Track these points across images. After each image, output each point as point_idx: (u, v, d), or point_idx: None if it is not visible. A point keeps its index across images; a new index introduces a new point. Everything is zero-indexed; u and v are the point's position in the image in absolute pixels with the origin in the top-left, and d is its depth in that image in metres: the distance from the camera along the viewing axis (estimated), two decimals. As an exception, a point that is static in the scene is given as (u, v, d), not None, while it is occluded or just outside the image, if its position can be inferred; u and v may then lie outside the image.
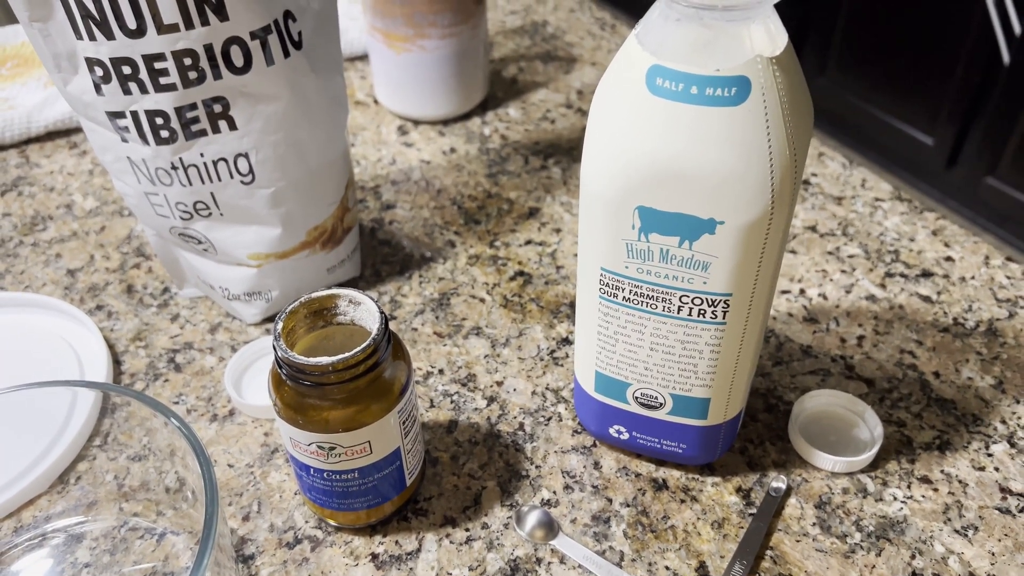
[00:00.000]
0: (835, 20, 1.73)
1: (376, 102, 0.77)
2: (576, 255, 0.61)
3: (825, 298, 0.57)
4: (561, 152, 0.71)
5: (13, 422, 0.45)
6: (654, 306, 0.39)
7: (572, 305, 0.57)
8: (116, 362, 0.53)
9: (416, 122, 0.75)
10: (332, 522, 0.44)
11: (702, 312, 0.38)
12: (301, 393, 0.39)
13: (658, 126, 0.34)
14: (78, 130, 0.74)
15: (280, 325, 0.39)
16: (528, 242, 0.62)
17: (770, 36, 0.33)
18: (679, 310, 0.38)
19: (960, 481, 0.46)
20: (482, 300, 0.58)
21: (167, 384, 0.52)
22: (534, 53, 0.84)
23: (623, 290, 0.39)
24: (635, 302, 0.39)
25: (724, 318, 0.38)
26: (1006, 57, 1.47)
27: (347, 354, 0.37)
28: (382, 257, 0.61)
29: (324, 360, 0.37)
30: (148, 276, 0.60)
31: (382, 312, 0.39)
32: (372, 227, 0.64)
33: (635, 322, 0.40)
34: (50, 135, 0.73)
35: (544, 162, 0.70)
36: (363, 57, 0.84)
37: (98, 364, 0.52)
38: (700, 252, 0.36)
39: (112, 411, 0.47)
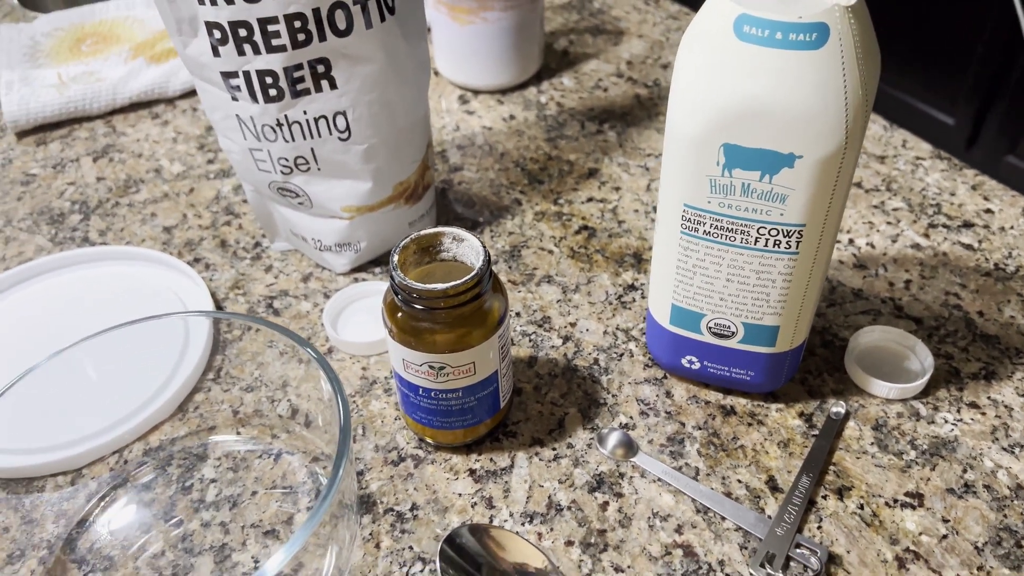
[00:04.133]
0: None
1: (436, 73, 0.81)
2: (636, 211, 0.65)
3: (873, 247, 0.61)
4: (615, 118, 0.75)
5: (135, 355, 0.49)
6: (733, 238, 0.43)
7: (635, 255, 0.61)
8: (218, 307, 0.58)
9: (476, 92, 0.79)
10: (432, 441, 0.48)
11: (777, 243, 0.42)
12: (414, 317, 0.43)
13: (745, 68, 0.38)
14: (159, 102, 0.78)
15: (396, 258, 0.43)
16: (590, 199, 0.66)
17: (846, -13, 0.37)
18: (756, 241, 0.43)
19: (1006, 406, 0.50)
20: (550, 252, 0.62)
21: (267, 327, 0.56)
22: (583, 27, 0.88)
23: (704, 224, 0.43)
24: (715, 235, 0.43)
25: (797, 248, 0.42)
26: (1029, 35, 1.50)
27: (458, 281, 0.42)
28: (454, 215, 0.65)
29: (439, 286, 0.42)
30: (239, 232, 0.64)
31: (485, 247, 0.44)
32: (443, 187, 0.68)
33: (714, 255, 0.44)
34: (133, 106, 0.78)
35: (600, 127, 0.74)
36: (419, 33, 0.88)
37: (203, 309, 0.57)
38: (779, 185, 0.40)
39: (223, 348, 0.51)
